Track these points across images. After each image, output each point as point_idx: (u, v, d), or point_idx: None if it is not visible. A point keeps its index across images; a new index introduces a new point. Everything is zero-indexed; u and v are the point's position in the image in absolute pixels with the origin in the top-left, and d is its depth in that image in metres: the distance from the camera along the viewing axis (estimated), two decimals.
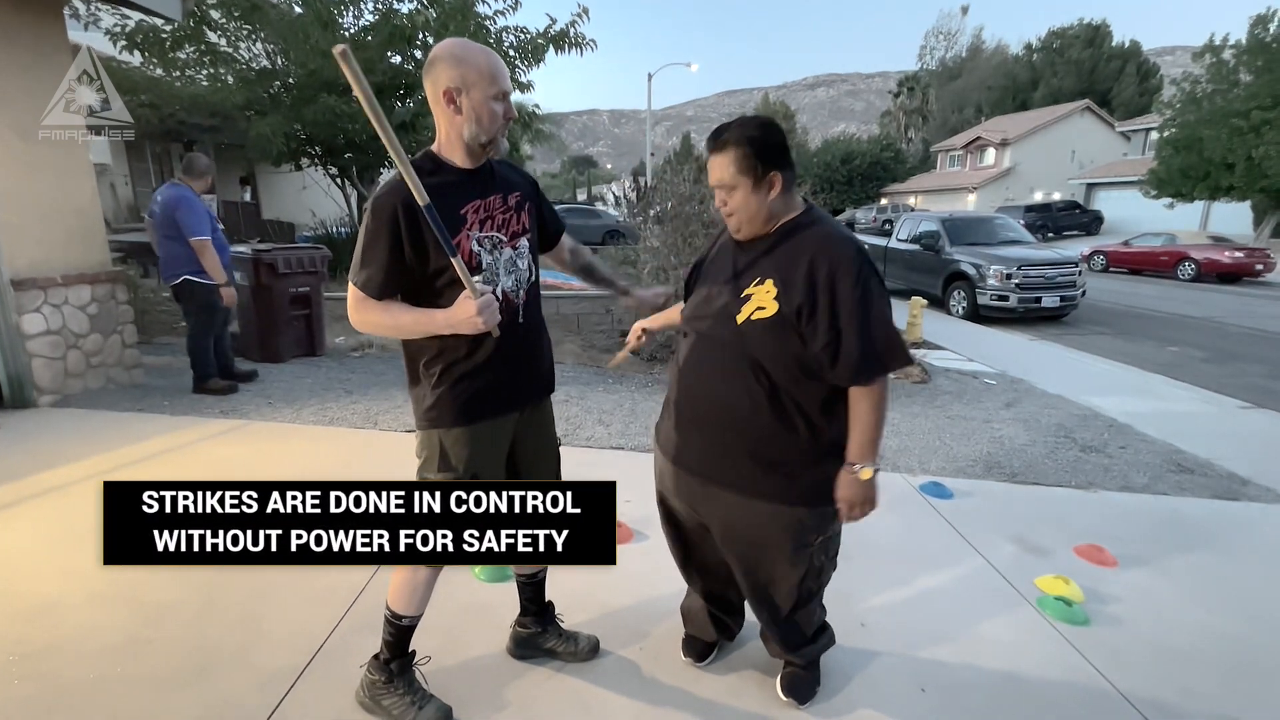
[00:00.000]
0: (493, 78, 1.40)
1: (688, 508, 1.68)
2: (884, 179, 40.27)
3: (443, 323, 1.39)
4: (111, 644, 1.91)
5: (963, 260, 9.64)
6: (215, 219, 4.40)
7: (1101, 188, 29.57)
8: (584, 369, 5.52)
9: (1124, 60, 38.31)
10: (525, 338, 1.59)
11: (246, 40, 7.94)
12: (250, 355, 5.35)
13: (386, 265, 1.39)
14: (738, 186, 1.42)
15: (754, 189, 1.42)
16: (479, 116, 1.41)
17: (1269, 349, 7.76)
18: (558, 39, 8.15)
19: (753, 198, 1.43)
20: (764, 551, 1.60)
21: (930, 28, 61.10)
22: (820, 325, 1.38)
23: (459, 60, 1.39)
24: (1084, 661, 1.99)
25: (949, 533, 2.81)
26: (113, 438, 3.54)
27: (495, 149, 1.49)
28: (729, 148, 1.42)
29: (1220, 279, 14.60)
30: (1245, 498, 3.35)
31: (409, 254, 1.40)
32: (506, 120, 1.46)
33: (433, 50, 1.43)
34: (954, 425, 4.34)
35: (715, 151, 1.45)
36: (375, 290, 1.41)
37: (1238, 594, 2.42)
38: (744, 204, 1.44)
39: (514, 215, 1.55)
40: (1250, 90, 17.35)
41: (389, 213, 1.37)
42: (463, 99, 1.39)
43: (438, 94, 1.40)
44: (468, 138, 1.43)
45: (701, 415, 1.57)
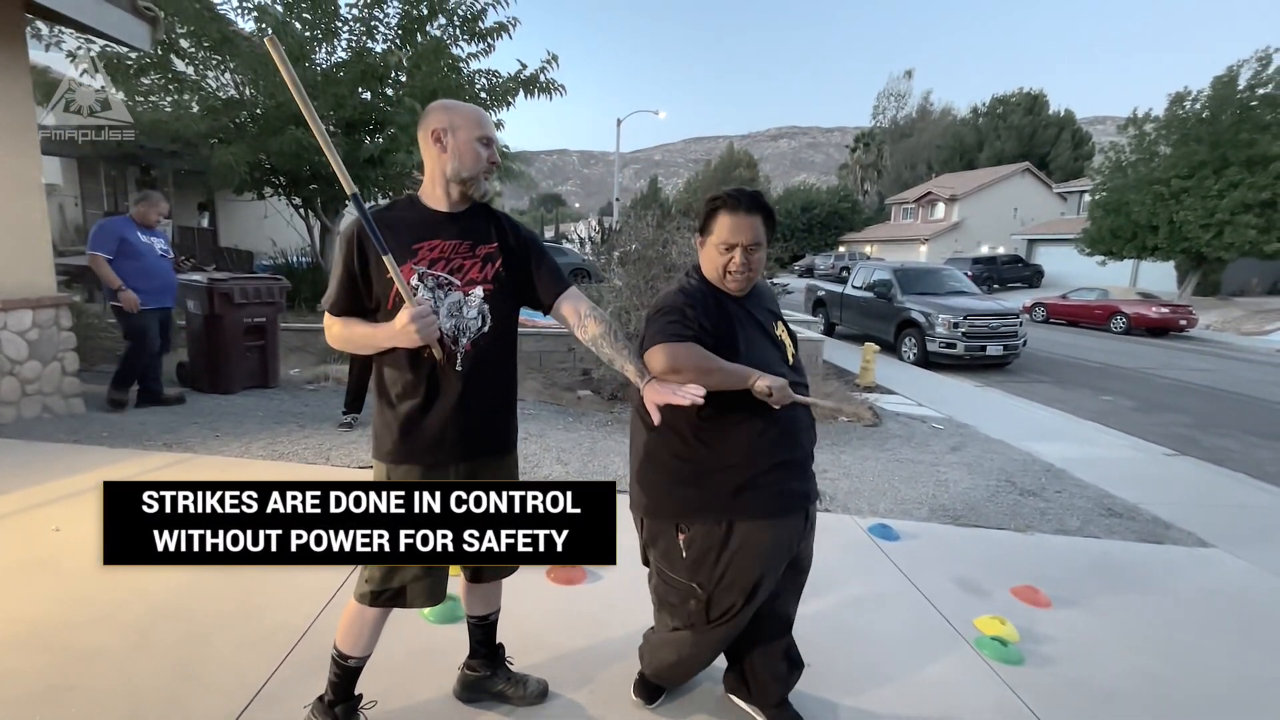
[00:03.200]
0: (478, 123, 1.55)
1: (790, 552, 1.72)
2: (841, 228, 42.02)
3: (385, 336, 1.50)
4: (29, 693, 1.80)
5: (913, 309, 10.08)
6: (167, 247, 4.62)
7: (1041, 243, 31.41)
8: (544, 406, 5.52)
9: (1060, 127, 41.28)
10: (465, 389, 1.55)
11: (214, 70, 7.92)
12: (200, 385, 5.20)
13: (342, 284, 1.54)
14: (764, 246, 1.64)
15: (766, 251, 1.67)
16: (462, 154, 1.53)
17: (1192, 400, 8.29)
18: (528, 83, 8.39)
19: (763, 259, 1.67)
20: (811, 547, 1.82)
21: (882, 89, 64.77)
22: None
23: (449, 109, 1.56)
24: (1017, 701, 2.07)
25: (894, 574, 2.90)
26: (44, 471, 3.38)
27: (477, 188, 1.57)
28: (761, 212, 1.61)
29: (1149, 332, 15.57)
30: (1169, 541, 3.55)
31: (358, 276, 1.53)
32: (491, 165, 1.57)
33: (428, 106, 1.61)
34: (902, 468, 4.49)
35: (752, 214, 1.59)
36: (334, 307, 1.56)
37: (1161, 634, 2.56)
38: (763, 264, 1.66)
39: (478, 264, 1.57)
40: (1170, 160, 18.94)
41: (347, 239, 1.53)
42: (448, 138, 1.52)
43: (427, 136, 1.54)
44: (449, 173, 1.53)
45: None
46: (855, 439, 5.20)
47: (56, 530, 2.75)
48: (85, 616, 2.16)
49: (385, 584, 1.53)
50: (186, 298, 5.28)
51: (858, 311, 11.63)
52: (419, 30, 7.87)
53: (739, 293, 1.66)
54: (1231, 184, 17.42)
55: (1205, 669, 2.33)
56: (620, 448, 4.35)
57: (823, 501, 3.56)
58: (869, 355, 7.63)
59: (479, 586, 1.78)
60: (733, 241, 1.59)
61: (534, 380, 6.28)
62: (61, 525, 2.79)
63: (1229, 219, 17.48)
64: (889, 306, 10.62)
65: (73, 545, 2.64)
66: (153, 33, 4.62)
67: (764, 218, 1.61)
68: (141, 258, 4.39)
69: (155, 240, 4.51)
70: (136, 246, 4.37)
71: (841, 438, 5.16)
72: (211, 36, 7.32)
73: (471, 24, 8.03)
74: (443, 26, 8.01)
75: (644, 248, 5.51)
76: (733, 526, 1.60)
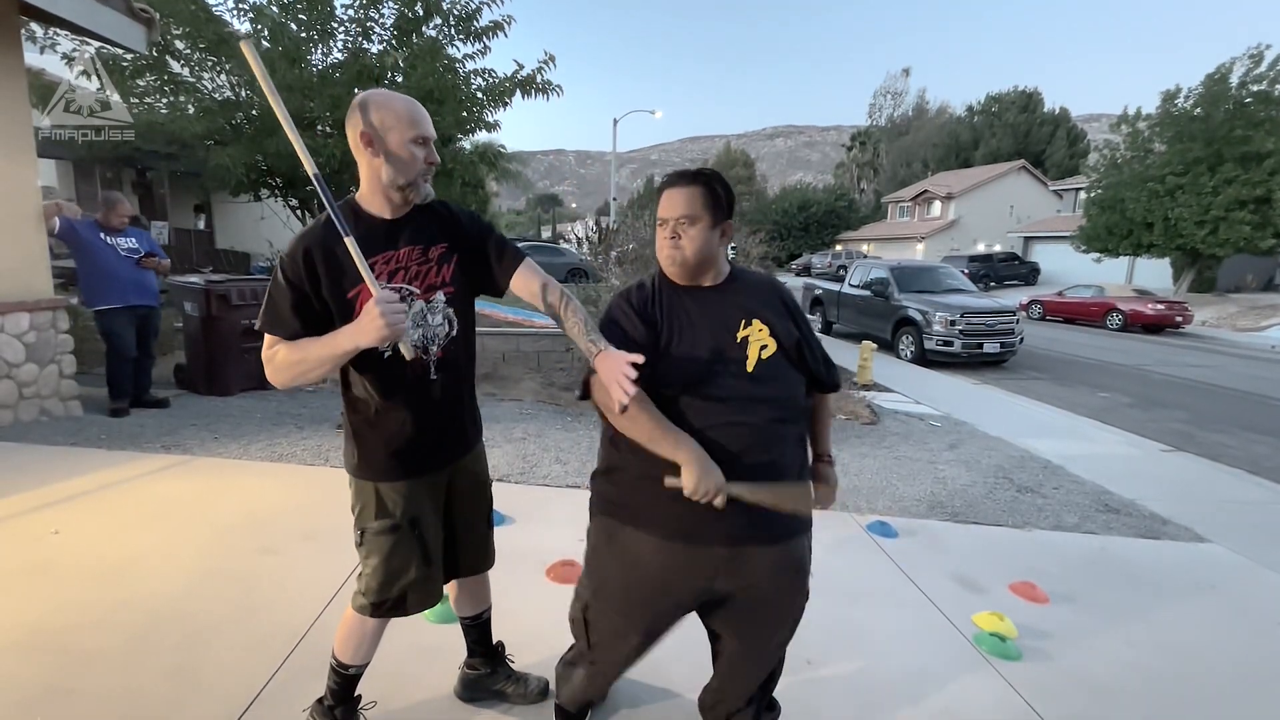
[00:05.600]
0: (411, 121, 1.40)
1: (701, 588, 1.45)
2: (838, 227, 42.09)
3: (347, 336, 1.33)
4: (28, 697, 1.80)
5: (910, 307, 10.10)
6: (136, 247, 4.60)
7: (1038, 241, 31.51)
8: (543, 406, 5.52)
9: (1055, 125, 41.42)
10: (442, 397, 1.52)
11: (210, 71, 7.91)
12: (198, 387, 5.20)
13: (292, 305, 1.37)
14: (699, 220, 1.41)
15: (711, 228, 1.43)
16: (397, 158, 1.40)
17: (1188, 396, 8.32)
18: (525, 84, 8.38)
19: (709, 236, 1.43)
20: (786, 599, 1.50)
21: (879, 87, 64.87)
22: (810, 346, 1.52)
23: (377, 105, 1.40)
24: (1016, 696, 2.08)
25: (893, 571, 2.91)
26: (42, 473, 3.37)
27: (416, 192, 1.45)
28: (698, 184, 1.44)
29: (1144, 329, 15.62)
30: (1165, 536, 3.57)
31: (311, 296, 1.38)
32: (429, 165, 1.45)
33: (353, 99, 1.43)
34: (900, 466, 4.50)
35: (680, 185, 1.44)
36: (280, 329, 1.38)
37: (1158, 629, 2.57)
38: (700, 240, 1.42)
39: (433, 268, 1.50)
40: (1164, 158, 19.02)
41: (293, 255, 1.38)
42: (379, 142, 1.39)
43: (356, 138, 1.40)
44: (385, 180, 1.42)
45: (737, 476, 1.35)
46: (853, 437, 5.21)
47: (56, 533, 2.75)
48: (84, 620, 2.16)
49: (385, 594, 1.52)
50: (183, 300, 5.28)
51: (855, 310, 11.65)
52: (414, 31, 7.87)
53: (678, 276, 1.46)
54: (1226, 181, 17.50)
55: (1202, 664, 2.35)
56: None
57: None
58: (866, 353, 7.64)
59: (465, 585, 1.78)
60: (662, 217, 1.44)
61: (532, 380, 6.28)
62: (61, 528, 2.79)
63: (1224, 215, 17.56)
64: (886, 305, 10.63)
65: (72, 548, 2.63)
66: (148, 34, 4.61)
67: (704, 189, 1.42)
68: (101, 259, 4.39)
69: (120, 241, 4.49)
70: (95, 247, 4.38)
71: (840, 436, 5.17)
72: (207, 38, 7.30)
73: (466, 23, 8.02)
74: (438, 27, 8.00)
75: (641, 247, 5.51)
76: (620, 530, 1.46)
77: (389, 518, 1.49)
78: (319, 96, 7.36)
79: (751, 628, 1.51)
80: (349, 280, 1.38)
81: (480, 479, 1.72)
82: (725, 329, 1.43)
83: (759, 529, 1.38)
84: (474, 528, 1.72)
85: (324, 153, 7.36)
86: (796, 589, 1.49)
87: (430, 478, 1.55)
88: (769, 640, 1.54)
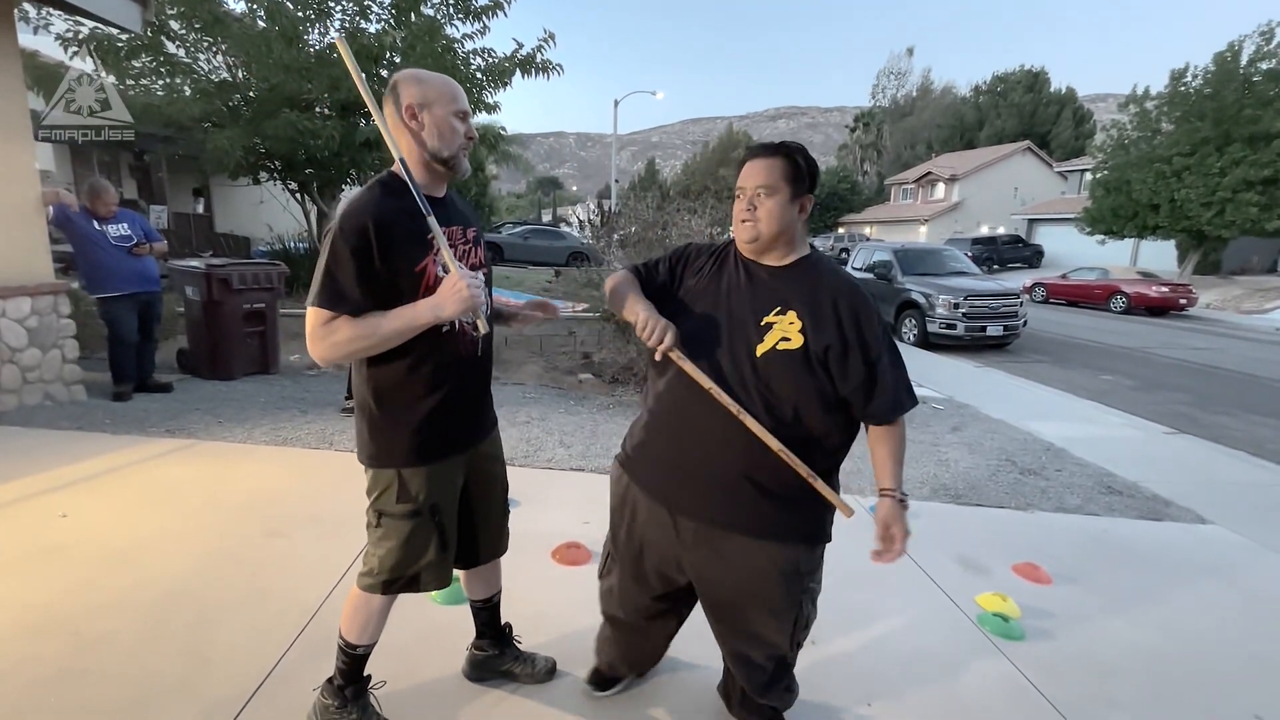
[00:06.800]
0: (453, 95, 1.44)
1: (671, 559, 1.54)
2: (841, 209, 41.76)
3: (427, 310, 1.34)
4: (42, 676, 1.82)
5: (914, 290, 10.05)
6: (129, 234, 4.53)
7: (1041, 223, 31.27)
8: (546, 390, 5.52)
9: (1061, 105, 40.86)
10: (483, 371, 1.62)
11: (206, 52, 7.80)
12: (200, 372, 5.20)
13: (358, 278, 1.33)
14: (778, 192, 1.38)
15: (790, 201, 1.39)
16: (441, 131, 1.43)
17: (1191, 379, 8.30)
18: (524, 63, 8.26)
19: (787, 209, 1.39)
20: (758, 601, 1.49)
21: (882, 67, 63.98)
22: (853, 366, 1.37)
23: (418, 80, 1.44)
24: (1020, 676, 2.10)
25: None
26: (48, 457, 3.38)
27: (457, 168, 1.49)
28: (780, 155, 1.40)
29: (1149, 312, 15.56)
30: (1168, 518, 3.58)
31: (380, 268, 1.35)
32: (468, 140, 1.48)
33: (392, 77, 1.47)
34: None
35: (762, 156, 1.41)
36: (345, 305, 1.33)
37: (1160, 610, 2.59)
38: (776, 213, 1.38)
39: (472, 249, 1.57)
40: (1172, 138, 18.78)
41: (360, 227, 1.33)
42: (424, 114, 1.42)
43: (399, 112, 1.42)
44: (429, 155, 1.44)
45: (711, 455, 1.42)
46: None
47: (64, 516, 2.76)
48: (96, 602, 2.18)
49: (399, 571, 1.52)
50: (185, 284, 5.26)
51: None
52: (413, 10, 7.75)
53: (750, 250, 1.44)
54: (1234, 161, 17.30)
55: (1204, 645, 2.36)
56: (621, 430, 4.35)
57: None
58: None
59: (478, 569, 1.78)
60: (741, 185, 1.42)
61: (535, 364, 6.28)
62: (68, 512, 2.80)
63: (1230, 197, 17.38)
64: (889, 287, 10.59)
65: (80, 531, 2.65)
66: (143, 13, 4.54)
67: (785, 160, 1.39)
68: (96, 247, 4.35)
69: (110, 228, 4.43)
70: (91, 236, 4.34)
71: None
72: (203, 18, 7.19)
73: (465, 2, 7.90)
74: (437, 6, 7.88)
75: (644, 230, 5.47)
76: (630, 484, 1.58)
77: (410, 502, 1.49)
78: (317, 77, 7.27)
79: (723, 612, 1.55)
80: (420, 252, 1.40)
81: (498, 463, 1.75)
82: (756, 309, 1.40)
83: (737, 516, 1.41)
84: (492, 513, 1.73)
85: (322, 134, 7.29)
86: (776, 588, 1.46)
87: (455, 460, 1.56)
88: (742, 629, 1.54)
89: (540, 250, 18.96)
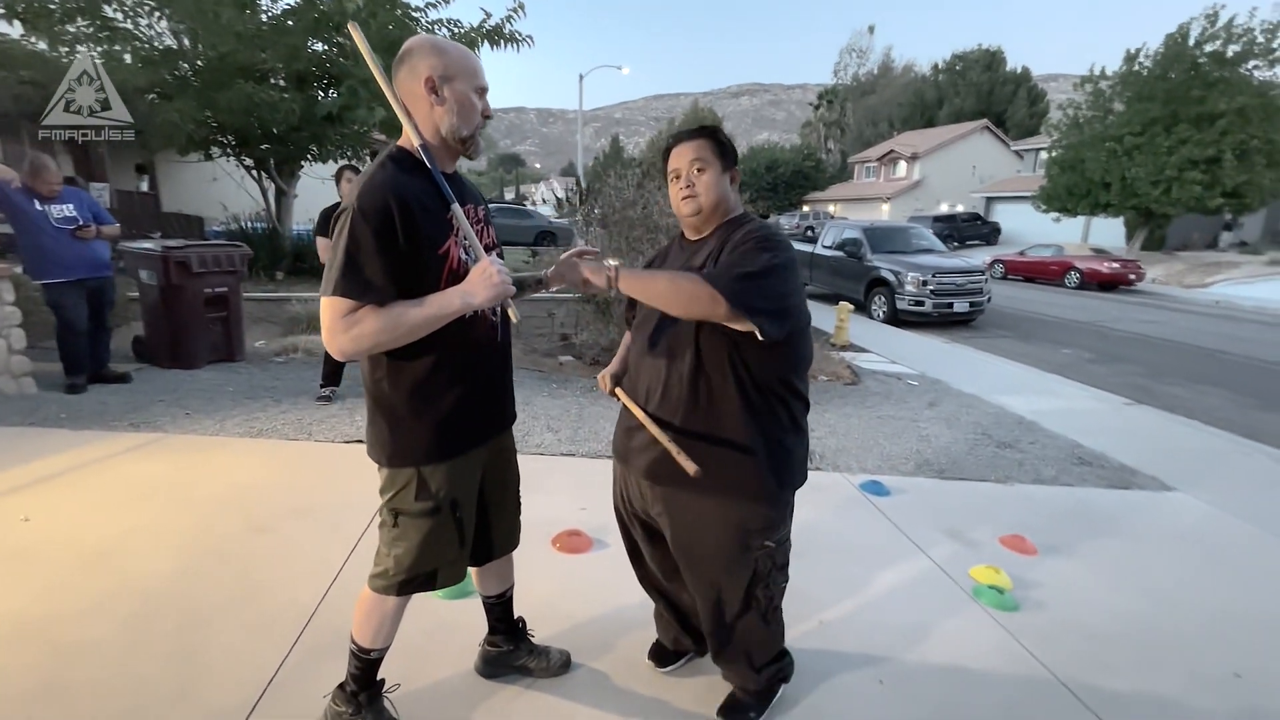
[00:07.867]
0: (475, 70, 1.36)
1: (642, 511, 1.70)
2: (805, 187, 42.00)
3: (457, 298, 1.26)
4: (24, 690, 1.71)
5: (883, 267, 10.20)
6: (74, 215, 4.20)
7: (999, 201, 32.06)
8: (527, 373, 5.43)
9: (1017, 85, 41.70)
10: (506, 358, 1.57)
11: (149, 17, 7.28)
12: (160, 361, 4.94)
13: (384, 266, 1.23)
14: (709, 167, 1.52)
15: (721, 173, 1.54)
16: (462, 107, 1.33)
17: (1144, 351, 8.69)
18: (492, 34, 7.98)
19: (720, 180, 1.54)
20: (710, 552, 1.58)
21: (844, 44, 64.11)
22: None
23: (439, 50, 1.32)
24: (1018, 645, 2.17)
25: (890, 529, 2.99)
26: (1, 456, 3.17)
27: (474, 148, 1.41)
28: (704, 136, 1.56)
29: (1100, 287, 16.17)
30: (1135, 486, 3.74)
31: (405, 254, 1.26)
32: (484, 118, 1.40)
33: (406, 43, 1.34)
34: (884, 425, 4.60)
35: (690, 139, 1.55)
36: (375, 295, 1.23)
37: (1138, 575, 2.70)
38: (712, 185, 1.52)
39: (484, 228, 1.50)
40: (1123, 117, 19.38)
41: (383, 209, 1.22)
42: (446, 89, 1.31)
43: (417, 84, 1.30)
44: (446, 130, 1.34)
45: (656, 412, 1.54)
46: (836, 398, 5.28)
47: (25, 520, 2.59)
48: (72, 609, 2.05)
49: (417, 570, 1.46)
50: (139, 267, 4.96)
51: (828, 271, 11.72)
52: None
53: (695, 225, 1.57)
54: (1180, 141, 17.96)
55: (1181, 606, 2.48)
56: (608, 413, 4.32)
57: (813, 461, 3.62)
58: (844, 314, 7.72)
59: (491, 564, 1.73)
60: (674, 168, 1.55)
61: (513, 347, 6.16)
62: (30, 514, 2.63)
63: (1177, 175, 18.08)
64: (859, 265, 10.72)
65: (46, 534, 2.49)
66: None
67: (709, 140, 1.54)
68: (36, 230, 4.04)
69: (54, 209, 4.11)
70: (30, 216, 4.02)
71: (823, 396, 5.24)
72: None
73: None
74: None
75: (625, 207, 5.38)
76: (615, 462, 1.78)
77: (430, 499, 1.42)
78: (272, 46, 6.87)
79: (683, 561, 1.65)
80: (442, 234, 1.33)
81: (512, 456, 1.70)
82: (681, 268, 1.55)
83: (679, 473, 1.43)
84: (506, 506, 1.69)
85: (281, 108, 6.92)
86: (725, 542, 1.55)
87: (475, 453, 1.50)
88: (700, 579, 1.63)
89: (507, 230, 18.58)
